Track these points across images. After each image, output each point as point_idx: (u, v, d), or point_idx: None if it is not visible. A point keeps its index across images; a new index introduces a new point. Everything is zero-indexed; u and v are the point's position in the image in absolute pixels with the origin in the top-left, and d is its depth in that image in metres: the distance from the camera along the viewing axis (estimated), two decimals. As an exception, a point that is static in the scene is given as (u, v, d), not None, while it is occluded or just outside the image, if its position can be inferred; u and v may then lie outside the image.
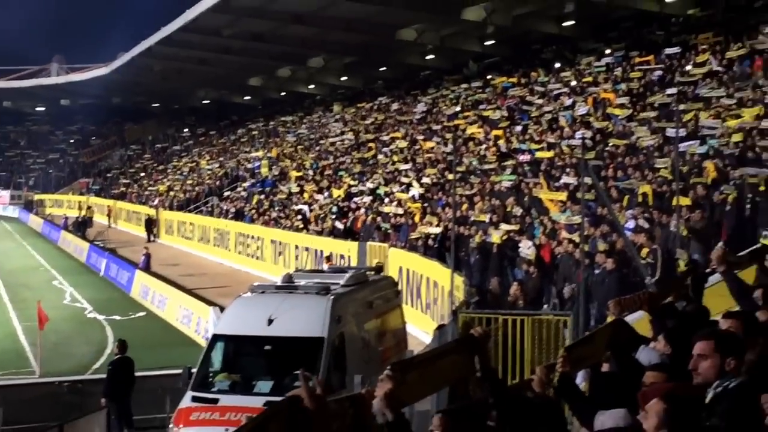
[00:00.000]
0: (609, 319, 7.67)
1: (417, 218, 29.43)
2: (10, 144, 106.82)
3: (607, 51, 36.28)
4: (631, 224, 19.43)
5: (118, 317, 29.64)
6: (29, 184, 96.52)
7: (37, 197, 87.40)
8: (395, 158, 39.69)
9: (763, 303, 6.92)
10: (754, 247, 13.49)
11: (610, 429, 4.25)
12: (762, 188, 18.20)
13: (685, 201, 18.95)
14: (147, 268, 37.36)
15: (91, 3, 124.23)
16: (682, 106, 26.27)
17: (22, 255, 51.03)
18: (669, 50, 32.02)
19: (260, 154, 57.71)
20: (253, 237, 40.55)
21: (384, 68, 55.21)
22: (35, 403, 18.05)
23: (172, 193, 61.62)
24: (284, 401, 3.66)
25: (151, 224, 55.03)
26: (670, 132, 23.94)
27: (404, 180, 35.29)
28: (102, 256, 43.51)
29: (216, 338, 15.49)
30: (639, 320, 9.18)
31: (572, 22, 39.72)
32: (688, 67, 29.80)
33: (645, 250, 17.68)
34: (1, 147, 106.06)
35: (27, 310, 29.70)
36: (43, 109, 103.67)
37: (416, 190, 32.88)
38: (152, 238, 52.99)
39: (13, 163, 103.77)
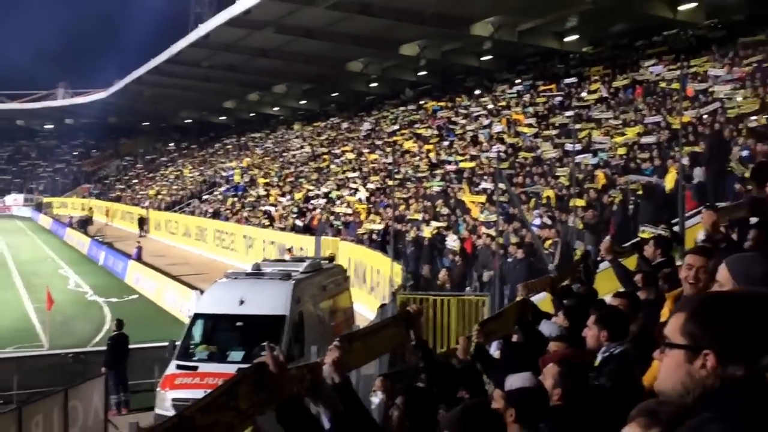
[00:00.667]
0: (518, 299, 7.70)
1: (363, 217, 29.44)
2: (23, 156, 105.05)
3: (518, 81, 36.50)
4: (537, 221, 19.58)
5: (114, 300, 29.26)
6: (39, 189, 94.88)
7: (46, 200, 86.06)
8: (345, 168, 39.65)
9: (643, 285, 7.00)
10: (635, 240, 13.65)
11: (517, 388, 4.26)
12: (641, 192, 18.43)
13: (581, 202, 19.13)
14: (139, 259, 36.93)
15: (91, 38, 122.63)
16: (578, 126, 26.49)
17: (34, 248, 50.16)
18: (567, 80, 32.31)
19: (233, 164, 57.30)
20: (227, 233, 40.27)
21: (336, 94, 55.12)
22: (44, 371, 17.76)
23: (160, 197, 60.94)
24: (252, 367, 3.63)
25: (142, 222, 54.44)
26: (569, 146, 24.16)
27: (352, 186, 35.25)
28: (101, 248, 42.92)
29: (197, 316, 15.39)
30: (542, 300, 9.26)
31: (490, 57, 39.97)
32: (583, 94, 30.07)
33: (548, 242, 17.84)
34: (16, 158, 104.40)
35: (37, 294, 29.17)
36: (50, 126, 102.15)
37: (362, 194, 32.87)
38: (143, 234, 52.40)
39: (26, 171, 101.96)
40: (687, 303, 2.40)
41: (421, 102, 43.28)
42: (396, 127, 41.90)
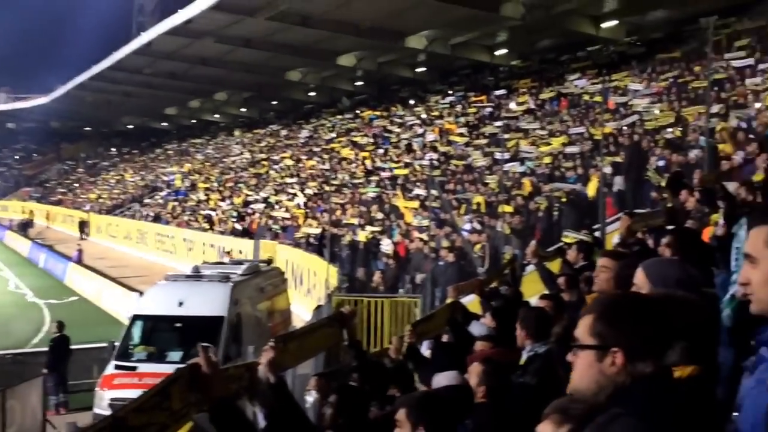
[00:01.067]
0: (448, 301, 7.74)
1: (301, 221, 29.30)
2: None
3: (450, 92, 36.77)
4: (467, 226, 19.73)
5: (54, 301, 28.58)
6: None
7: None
8: (283, 174, 39.43)
9: (566, 287, 7.08)
10: (559, 244, 13.85)
11: (444, 387, 4.28)
12: (564, 199, 18.69)
13: (508, 208, 19.33)
14: (79, 261, 36.16)
15: (34, 43, 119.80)
16: (506, 135, 26.86)
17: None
18: (497, 92, 32.68)
19: (174, 169, 56.56)
20: (168, 236, 39.69)
21: (275, 102, 54.84)
22: (-18, 372, 17.25)
23: (101, 200, 59.83)
24: (184, 368, 3.58)
25: (83, 225, 53.30)
26: (498, 155, 24.42)
27: (291, 191, 35.08)
28: (41, 251, 41.93)
29: (136, 317, 15.14)
30: (472, 301, 9.31)
31: (424, 69, 40.22)
32: (512, 105, 30.40)
33: (478, 246, 17.98)
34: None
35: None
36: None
37: (300, 199, 32.73)
38: (84, 237, 51.31)
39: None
40: (595, 304, 2.44)
41: (358, 111, 43.29)
42: (333, 134, 41.84)
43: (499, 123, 28.87)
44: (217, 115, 62.74)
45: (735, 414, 2.35)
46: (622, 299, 2.57)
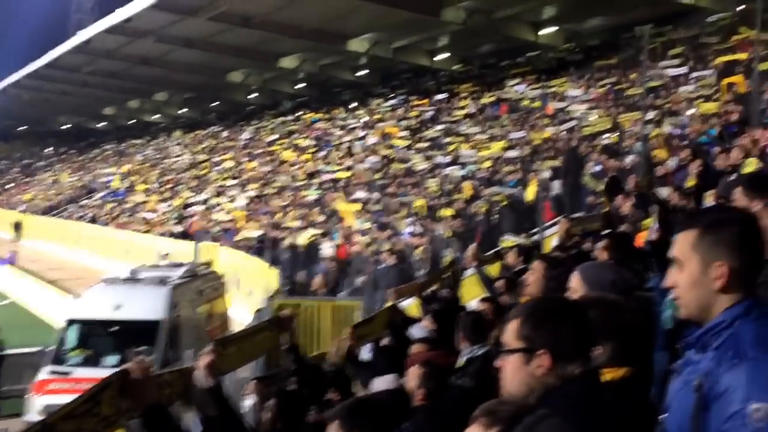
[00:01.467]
0: (388, 304, 7.75)
1: (241, 224, 29.07)
2: None
3: (392, 95, 36.90)
4: (409, 229, 19.80)
5: (-14, 305, 27.85)
6: None
7: None
8: (224, 175, 39.10)
9: (505, 290, 7.15)
10: (498, 248, 13.98)
11: (381, 391, 4.29)
12: (504, 203, 18.87)
13: (449, 212, 19.46)
14: (13, 263, 35.28)
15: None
16: (447, 139, 27.06)
17: None
18: (438, 96, 32.88)
19: (113, 170, 55.66)
20: (105, 238, 39.01)
21: (216, 103, 54.35)
22: None
23: (36, 201, 58.54)
24: (116, 373, 3.53)
25: (17, 227, 52.04)
26: (439, 159, 24.59)
27: (231, 193, 34.80)
28: (-27, 253, 40.82)
29: (71, 321, 14.81)
30: (412, 304, 9.34)
31: (366, 72, 40.29)
32: (453, 110, 30.65)
33: (419, 250, 18.07)
34: None
35: None
36: None
37: (241, 201, 32.48)
38: (18, 239, 50.09)
39: None
40: (520, 309, 2.49)
41: (300, 113, 43.16)
42: (275, 136, 41.61)
43: (440, 127, 29.05)
44: (157, 116, 61.95)
45: (663, 416, 2.39)
46: (546, 302, 2.63)
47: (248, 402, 6.09)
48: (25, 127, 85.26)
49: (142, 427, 3.45)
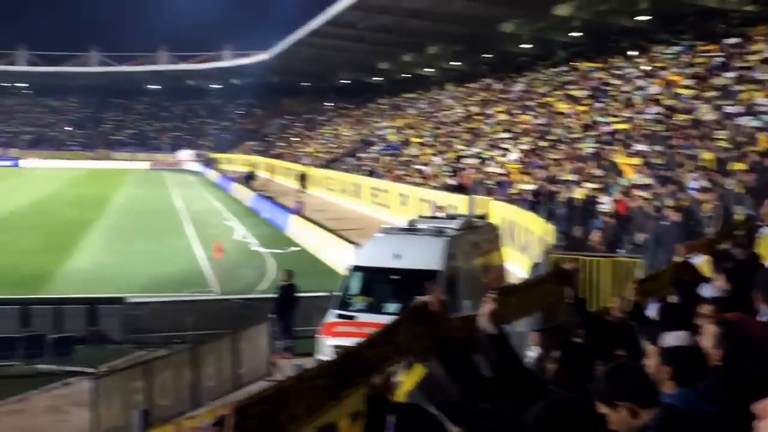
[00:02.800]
0: (676, 260, 7.52)
1: (515, 177, 29.22)
2: (193, 114, 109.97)
3: (675, 41, 35.01)
4: (694, 184, 18.90)
5: (276, 251, 30.27)
6: (208, 145, 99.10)
7: (213, 156, 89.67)
8: (497, 129, 39.36)
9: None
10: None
11: (674, 347, 4.22)
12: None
13: (741, 165, 18.33)
14: (300, 213, 38.00)
15: (253, 3, 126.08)
16: (739, 87, 25.32)
17: (203, 200, 52.63)
18: (729, 40, 30.72)
19: (388, 123, 57.91)
20: (382, 190, 40.89)
21: (488, 54, 54.56)
22: (215, 314, 18.70)
23: (318, 154, 62.42)
24: (411, 307, 3.78)
25: (303, 178, 55.89)
26: (729, 108, 23.14)
27: (504, 146, 35.00)
28: (264, 202, 44.48)
29: (354, 269, 15.77)
30: (699, 263, 9.01)
31: (646, 17, 38.49)
32: (746, 56, 28.51)
33: (707, 206, 17.19)
34: (187, 116, 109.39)
35: (206, 242, 30.73)
36: (218, 86, 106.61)
37: (514, 155, 32.60)
38: (303, 190, 53.83)
39: (196, 129, 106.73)
40: None
41: (574, 63, 42.24)
42: (548, 88, 41.13)
43: (731, 74, 27.19)
44: (429, 69, 63.38)
45: None
46: None
47: (531, 353, 6.23)
48: (307, 83, 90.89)
49: (436, 356, 3.68)
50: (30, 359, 16.41)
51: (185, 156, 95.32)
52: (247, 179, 60.42)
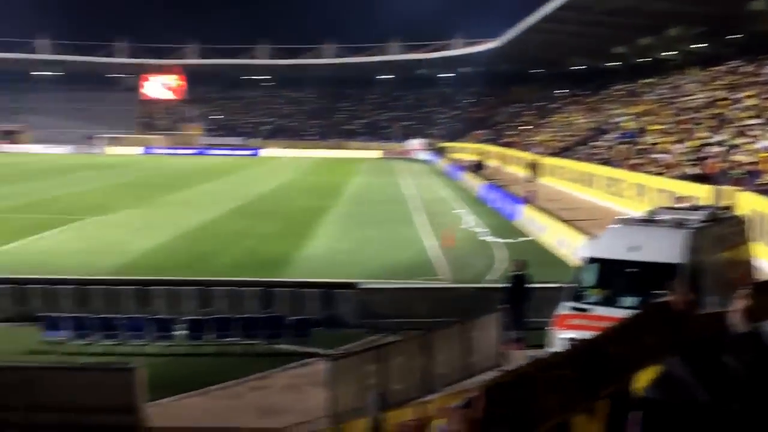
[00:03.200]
0: None
1: (765, 166, 27.38)
2: (423, 103, 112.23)
3: None
4: None
5: (507, 240, 30.19)
6: (437, 134, 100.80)
7: (442, 144, 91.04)
8: (746, 114, 37.02)
9: None
10: None
11: None
12: None
13: None
14: (530, 202, 37.69)
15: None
16: None
17: (432, 189, 53.55)
18: None
19: (624, 110, 56.16)
20: (616, 179, 39.74)
21: (735, 35, 51.40)
22: (446, 303, 18.94)
23: (549, 142, 61.67)
24: (654, 305, 3.67)
25: (534, 167, 55.46)
26: None
27: (754, 133, 32.87)
28: (494, 191, 44.55)
29: (590, 260, 15.45)
30: None
31: None
32: None
33: None
34: (417, 105, 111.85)
35: (436, 231, 31.24)
36: (448, 75, 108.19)
37: (765, 142, 30.55)
38: (534, 179, 53.38)
39: (425, 118, 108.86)
40: None
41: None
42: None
43: None
44: (669, 52, 60.73)
45: None
46: None
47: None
48: (537, 70, 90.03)
49: (681, 359, 3.54)
50: (271, 339, 17.45)
51: (414, 145, 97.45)
52: (476, 168, 60.79)
